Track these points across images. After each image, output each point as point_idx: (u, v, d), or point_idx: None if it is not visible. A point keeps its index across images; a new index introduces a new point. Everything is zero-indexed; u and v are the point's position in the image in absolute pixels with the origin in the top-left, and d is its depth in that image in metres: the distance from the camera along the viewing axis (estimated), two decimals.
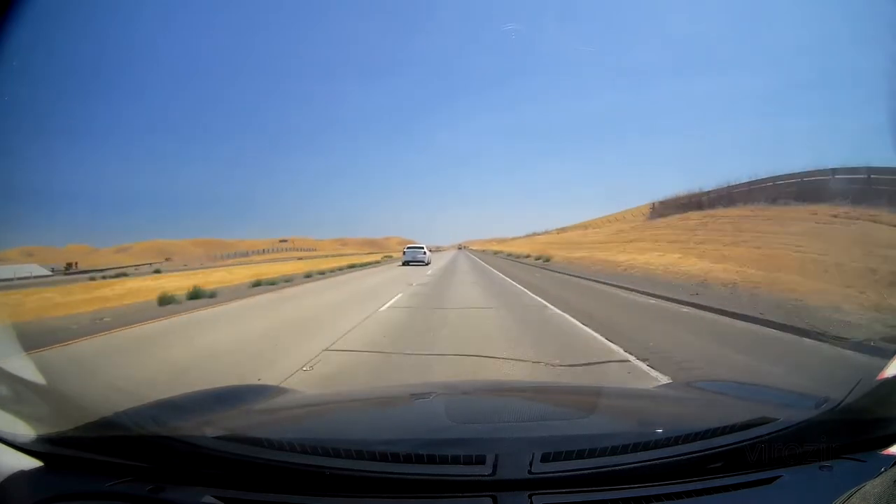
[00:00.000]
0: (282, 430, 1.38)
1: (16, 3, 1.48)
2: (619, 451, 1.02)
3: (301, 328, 6.94)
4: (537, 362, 4.54)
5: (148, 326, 7.45)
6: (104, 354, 5.48)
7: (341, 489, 0.97)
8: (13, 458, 1.05)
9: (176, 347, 5.72)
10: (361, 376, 4.26)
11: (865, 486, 0.80)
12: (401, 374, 4.26)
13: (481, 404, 1.70)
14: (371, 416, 1.63)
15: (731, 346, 5.24)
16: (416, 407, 1.68)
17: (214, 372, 4.44)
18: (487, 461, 0.97)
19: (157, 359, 5.09)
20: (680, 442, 1.04)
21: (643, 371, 4.27)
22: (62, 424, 1.13)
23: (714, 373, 4.10)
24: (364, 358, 4.90)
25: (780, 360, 4.55)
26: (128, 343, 6.19)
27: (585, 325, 6.61)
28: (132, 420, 1.19)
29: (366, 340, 5.75)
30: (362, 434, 1.32)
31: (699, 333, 5.98)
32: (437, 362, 4.61)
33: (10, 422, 1.10)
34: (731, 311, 7.23)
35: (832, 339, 5.14)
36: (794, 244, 12.33)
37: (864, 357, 4.47)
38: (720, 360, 4.60)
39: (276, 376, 4.06)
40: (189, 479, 1.00)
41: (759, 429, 1.07)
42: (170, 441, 1.05)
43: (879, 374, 1.21)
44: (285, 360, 4.78)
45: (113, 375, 4.45)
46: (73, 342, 6.07)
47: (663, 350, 4.97)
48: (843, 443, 1.06)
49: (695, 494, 0.97)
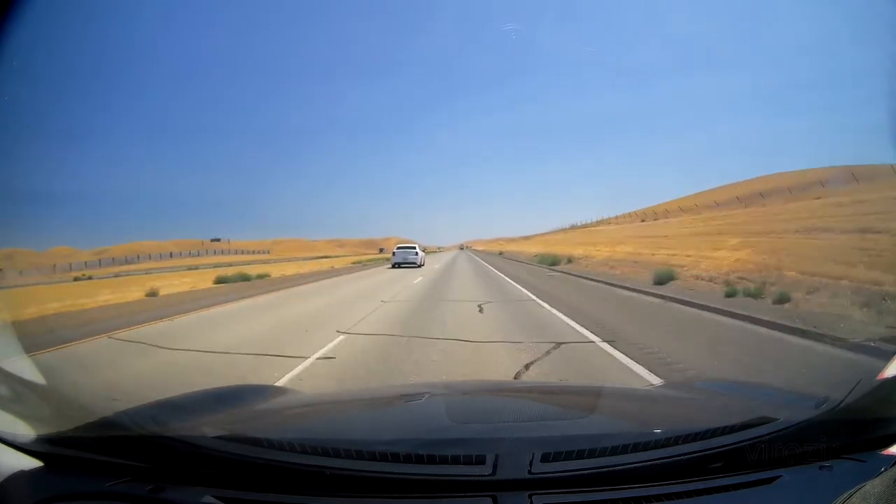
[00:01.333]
0: (282, 430, 1.38)
1: (16, 4, 1.49)
2: (619, 451, 1.02)
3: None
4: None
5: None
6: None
7: (341, 489, 0.97)
8: (13, 458, 1.05)
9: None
10: None
11: (865, 486, 0.80)
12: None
13: (481, 404, 1.70)
14: (371, 416, 1.63)
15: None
16: (416, 407, 1.68)
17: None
18: (487, 461, 0.97)
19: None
20: (680, 442, 1.05)
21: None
22: (62, 424, 1.13)
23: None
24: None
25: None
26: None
27: None
28: (132, 420, 1.19)
29: None
30: (362, 434, 1.32)
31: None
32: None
33: (10, 422, 1.10)
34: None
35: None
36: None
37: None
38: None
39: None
40: (189, 479, 1.00)
41: (759, 429, 1.07)
42: (170, 441, 1.05)
43: (879, 374, 1.21)
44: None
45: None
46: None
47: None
48: (843, 443, 1.06)
49: (695, 494, 0.97)
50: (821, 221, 14.23)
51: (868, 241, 9.82)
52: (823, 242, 11.35)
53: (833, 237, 11.67)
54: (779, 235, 14.10)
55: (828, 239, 11.61)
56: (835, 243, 10.83)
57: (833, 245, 10.67)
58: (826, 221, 13.94)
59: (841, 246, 10.28)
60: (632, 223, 45.65)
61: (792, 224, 15.16)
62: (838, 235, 11.64)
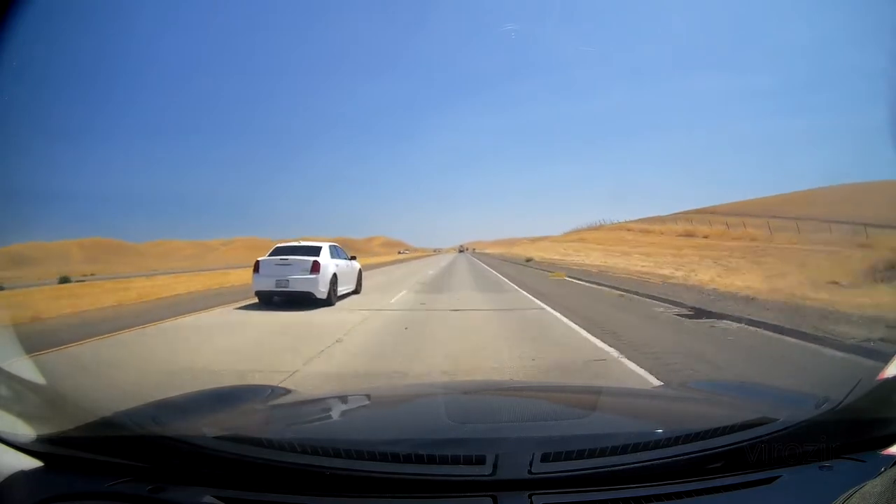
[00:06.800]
0: (282, 430, 1.38)
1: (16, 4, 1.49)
2: (618, 451, 1.02)
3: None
4: None
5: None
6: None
7: (341, 489, 0.97)
8: (13, 458, 1.05)
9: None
10: None
11: (865, 486, 0.80)
12: None
13: (481, 404, 1.70)
14: (371, 416, 1.63)
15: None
16: (416, 407, 1.68)
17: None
18: (487, 461, 0.97)
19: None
20: (680, 442, 1.05)
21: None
22: (62, 424, 1.13)
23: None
24: None
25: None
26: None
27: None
28: (132, 420, 1.19)
29: None
30: (362, 434, 1.32)
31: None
32: None
33: (10, 422, 1.10)
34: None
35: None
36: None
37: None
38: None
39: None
40: (189, 479, 1.00)
41: (759, 429, 1.07)
42: (170, 441, 1.05)
43: (879, 374, 1.22)
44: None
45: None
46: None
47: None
48: (843, 443, 1.06)
49: (695, 494, 0.97)
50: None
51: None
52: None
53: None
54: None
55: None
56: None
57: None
58: None
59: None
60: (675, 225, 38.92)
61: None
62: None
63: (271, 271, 9.27)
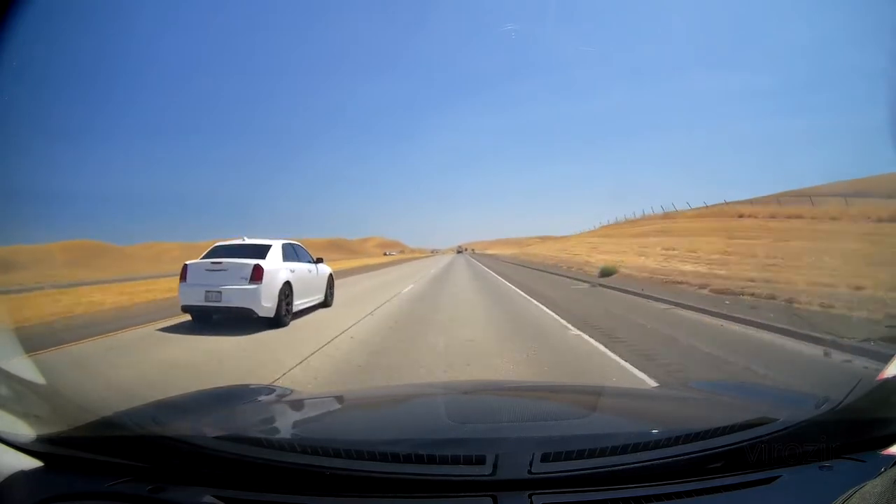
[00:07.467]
0: (282, 430, 1.38)
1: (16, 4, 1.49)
2: (618, 451, 1.02)
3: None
4: None
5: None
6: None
7: (341, 489, 0.97)
8: (13, 458, 1.05)
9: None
10: None
11: (865, 486, 0.80)
12: None
13: (481, 404, 1.70)
14: (371, 416, 1.63)
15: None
16: (416, 407, 1.68)
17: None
18: (487, 461, 0.97)
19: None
20: (680, 442, 1.05)
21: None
22: (62, 424, 1.13)
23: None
24: None
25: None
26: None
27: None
28: (132, 420, 1.19)
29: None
30: (362, 434, 1.32)
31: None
32: None
33: (10, 422, 1.10)
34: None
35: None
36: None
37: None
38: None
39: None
40: (189, 479, 1.00)
41: (759, 429, 1.07)
42: (170, 441, 1.05)
43: (879, 374, 1.22)
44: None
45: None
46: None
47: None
48: (843, 443, 1.06)
49: (695, 494, 0.97)
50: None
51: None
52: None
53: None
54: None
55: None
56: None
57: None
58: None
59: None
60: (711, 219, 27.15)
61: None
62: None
63: (201, 279, 6.79)
